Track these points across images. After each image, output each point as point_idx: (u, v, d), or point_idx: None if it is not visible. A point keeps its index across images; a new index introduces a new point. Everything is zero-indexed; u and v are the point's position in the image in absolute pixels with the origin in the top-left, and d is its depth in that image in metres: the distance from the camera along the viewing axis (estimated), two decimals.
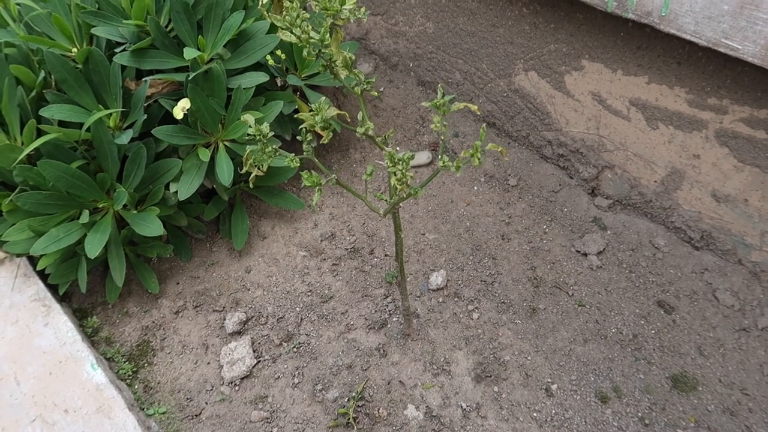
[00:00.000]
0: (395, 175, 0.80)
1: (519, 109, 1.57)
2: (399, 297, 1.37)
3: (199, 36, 1.32)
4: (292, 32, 0.75)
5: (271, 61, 1.09)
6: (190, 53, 1.26)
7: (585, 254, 1.43)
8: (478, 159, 0.76)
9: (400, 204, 0.92)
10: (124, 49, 1.29)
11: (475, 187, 1.60)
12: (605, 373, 1.25)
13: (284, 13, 0.76)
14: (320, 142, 0.94)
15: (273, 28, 1.43)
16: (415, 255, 1.47)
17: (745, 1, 0.91)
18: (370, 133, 0.82)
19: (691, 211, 1.34)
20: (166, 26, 1.34)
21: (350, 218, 1.55)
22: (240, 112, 1.34)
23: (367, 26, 1.87)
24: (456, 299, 1.38)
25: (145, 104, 1.31)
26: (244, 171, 0.84)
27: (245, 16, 1.36)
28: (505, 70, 1.53)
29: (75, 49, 1.31)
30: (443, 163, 0.79)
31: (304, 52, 0.77)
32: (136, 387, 1.28)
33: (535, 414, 1.20)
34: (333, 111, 0.81)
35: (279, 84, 1.53)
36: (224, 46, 1.35)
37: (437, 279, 1.39)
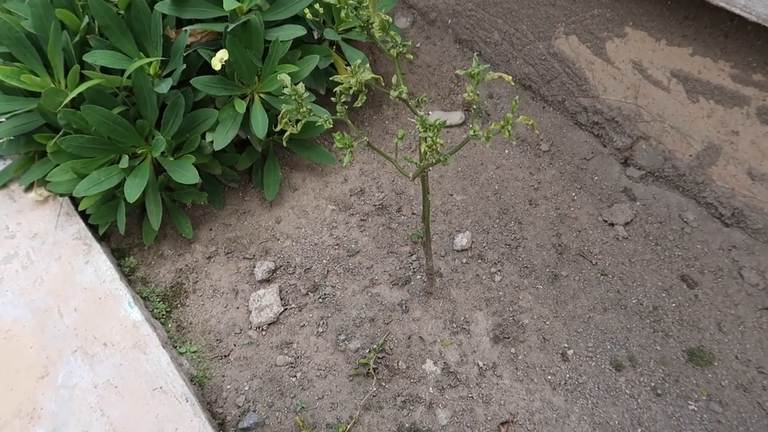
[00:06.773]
0: (425, 141, 0.81)
1: (556, 74, 1.54)
2: (424, 255, 1.40)
3: None
4: None
5: (308, 15, 1.09)
6: (229, 4, 1.26)
7: (612, 224, 1.43)
8: (509, 132, 0.77)
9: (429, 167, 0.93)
10: None
11: (506, 150, 1.60)
12: (622, 342, 1.27)
13: None
14: (353, 105, 0.95)
15: None
16: (442, 215, 1.49)
17: None
18: (404, 96, 0.83)
19: (725, 188, 1.32)
20: None
21: (380, 175, 1.57)
22: (277, 64, 1.35)
23: None
24: (479, 261, 1.40)
25: (185, 53, 1.33)
26: (279, 128, 0.86)
27: None
28: (545, 33, 1.50)
29: None
30: (474, 132, 0.80)
31: (342, 13, 0.78)
32: (169, 326, 1.35)
33: (549, 377, 1.24)
34: (368, 74, 0.82)
35: (316, 37, 1.53)
36: None
37: (462, 240, 1.42)
